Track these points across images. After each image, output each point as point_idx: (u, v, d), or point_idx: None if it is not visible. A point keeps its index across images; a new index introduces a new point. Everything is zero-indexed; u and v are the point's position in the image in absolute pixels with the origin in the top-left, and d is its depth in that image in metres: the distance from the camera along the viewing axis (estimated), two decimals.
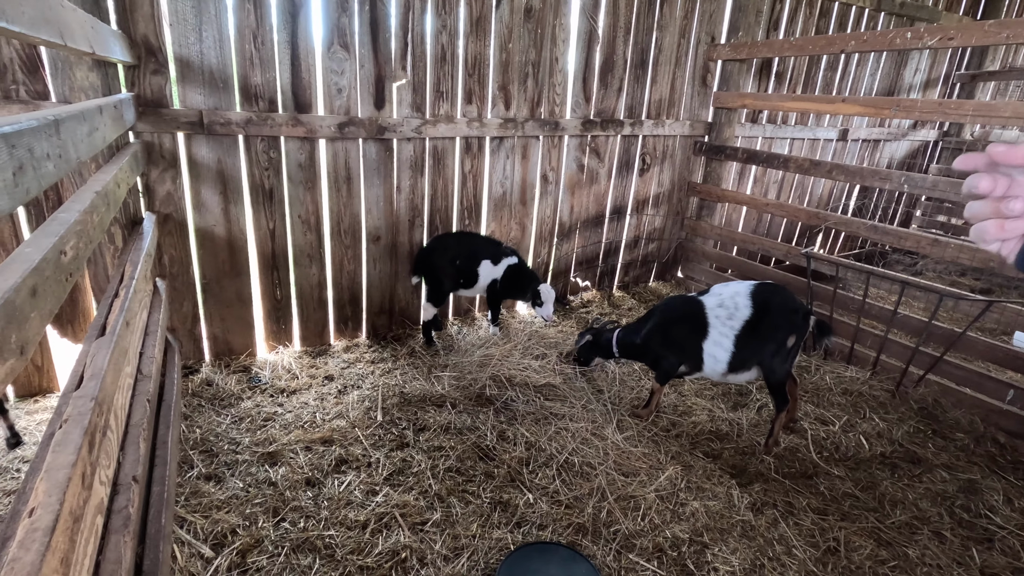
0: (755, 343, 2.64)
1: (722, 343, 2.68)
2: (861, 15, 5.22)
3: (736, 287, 2.74)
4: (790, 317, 2.62)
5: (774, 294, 2.67)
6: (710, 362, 2.73)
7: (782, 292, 2.70)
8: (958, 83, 6.29)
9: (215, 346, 3.26)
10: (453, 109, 3.51)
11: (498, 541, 2.12)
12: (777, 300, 2.65)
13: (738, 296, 2.69)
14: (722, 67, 4.53)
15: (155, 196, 2.85)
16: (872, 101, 3.49)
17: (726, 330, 2.67)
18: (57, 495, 0.90)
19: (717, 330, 2.69)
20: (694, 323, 2.74)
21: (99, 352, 1.37)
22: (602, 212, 4.51)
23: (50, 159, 1.00)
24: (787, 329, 2.61)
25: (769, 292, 2.68)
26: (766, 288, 2.70)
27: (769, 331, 2.62)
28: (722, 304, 2.71)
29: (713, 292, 2.79)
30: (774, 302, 2.64)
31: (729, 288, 2.76)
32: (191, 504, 2.16)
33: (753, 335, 2.63)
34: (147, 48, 2.63)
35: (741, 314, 2.65)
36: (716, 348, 2.70)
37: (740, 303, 2.67)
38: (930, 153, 6.57)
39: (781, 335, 2.61)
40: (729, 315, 2.67)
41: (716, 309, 2.71)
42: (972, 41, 2.88)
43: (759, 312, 2.63)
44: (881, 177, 3.58)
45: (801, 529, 2.31)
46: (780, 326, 2.61)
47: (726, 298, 2.71)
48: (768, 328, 2.62)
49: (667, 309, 2.94)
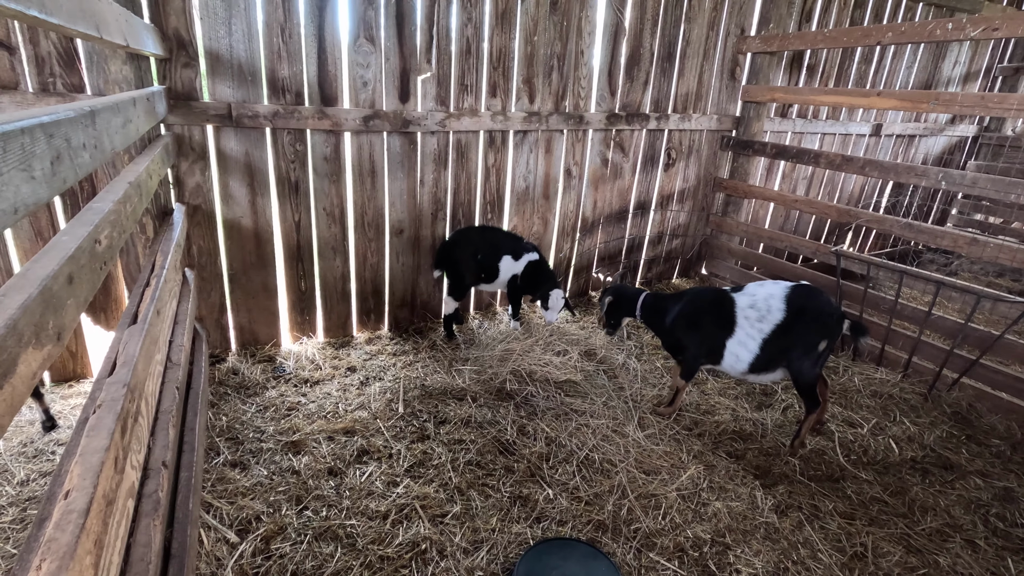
0: (783, 347, 2.59)
1: (747, 344, 2.64)
2: (898, 6, 5.05)
3: (772, 289, 2.68)
4: (824, 321, 2.55)
5: (810, 298, 2.60)
6: (730, 359, 2.71)
7: (817, 296, 2.63)
8: (1000, 76, 6.05)
9: (241, 336, 3.31)
10: (477, 102, 3.50)
11: (517, 536, 2.12)
12: (812, 305, 2.59)
13: (772, 299, 2.63)
14: (751, 60, 4.43)
15: (185, 187, 2.91)
16: (909, 95, 3.38)
17: (754, 332, 2.63)
18: (91, 478, 0.92)
19: (744, 330, 2.65)
20: (722, 318, 2.70)
21: (131, 340, 1.40)
22: (626, 207, 4.46)
23: (86, 149, 1.02)
24: (819, 334, 2.55)
25: (805, 296, 2.61)
26: (802, 291, 2.63)
27: (800, 335, 2.57)
28: (754, 305, 2.66)
29: (747, 291, 2.74)
30: (809, 307, 2.58)
31: (764, 289, 2.70)
32: (217, 490, 2.21)
33: (782, 339, 2.59)
34: (178, 41, 2.67)
35: (773, 317, 2.60)
36: (740, 348, 2.66)
37: (773, 306, 2.61)
38: (968, 149, 6.34)
39: (813, 339, 2.56)
40: (760, 317, 2.62)
41: (747, 309, 2.67)
42: (1019, 32, 2.76)
43: (792, 316, 2.58)
44: (917, 173, 3.46)
45: (827, 533, 2.26)
46: (812, 331, 2.55)
47: (759, 299, 2.66)
48: (800, 332, 2.57)
49: (697, 298, 2.89)
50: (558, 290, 3.52)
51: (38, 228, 2.60)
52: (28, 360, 0.73)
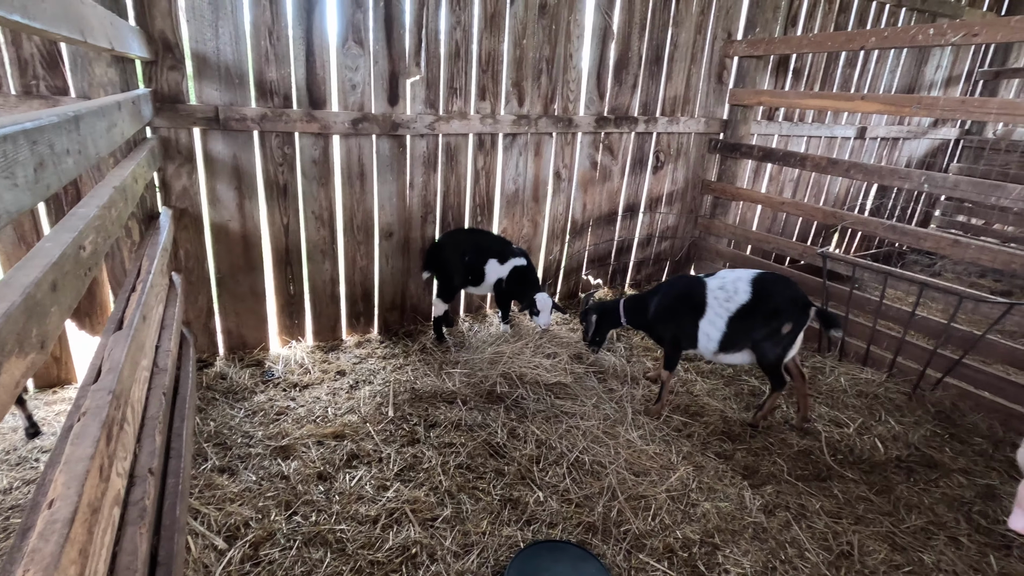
0: (747, 327, 2.76)
1: (716, 323, 2.82)
2: (882, 11, 5.12)
3: (740, 273, 2.86)
4: (787, 306, 2.72)
5: (775, 283, 2.78)
6: (703, 339, 2.87)
7: (783, 282, 2.79)
8: (981, 80, 6.16)
9: (229, 340, 3.29)
10: (467, 106, 3.51)
11: (508, 538, 2.12)
12: (776, 289, 2.76)
13: (739, 281, 2.81)
14: (738, 64, 4.48)
15: (171, 191, 2.88)
16: (892, 99, 3.43)
17: (721, 311, 2.81)
18: (76, 487, 0.91)
19: (714, 310, 2.83)
20: (694, 301, 2.89)
21: (116, 346, 1.38)
22: (615, 210, 4.49)
23: (70, 154, 1.01)
24: (783, 317, 2.71)
25: (770, 281, 2.79)
26: (768, 277, 2.81)
27: (764, 317, 2.73)
28: (723, 287, 2.84)
29: (719, 275, 2.93)
30: (773, 290, 2.75)
31: (734, 273, 2.88)
32: (205, 496, 2.19)
33: (747, 319, 2.76)
34: (164, 44, 2.65)
35: (739, 298, 2.78)
36: (710, 327, 2.84)
37: (740, 288, 2.79)
38: (951, 152, 6.44)
39: (776, 322, 2.72)
40: (727, 297, 2.80)
41: (716, 291, 2.84)
42: (998, 37, 2.82)
43: (757, 298, 2.75)
44: (900, 176, 3.51)
45: (814, 532, 2.29)
46: (776, 313, 2.71)
47: (728, 282, 2.84)
48: (763, 314, 2.73)
49: (672, 286, 3.09)
50: (543, 293, 3.49)
51: (21, 233, 2.57)
52: (11, 369, 0.73)
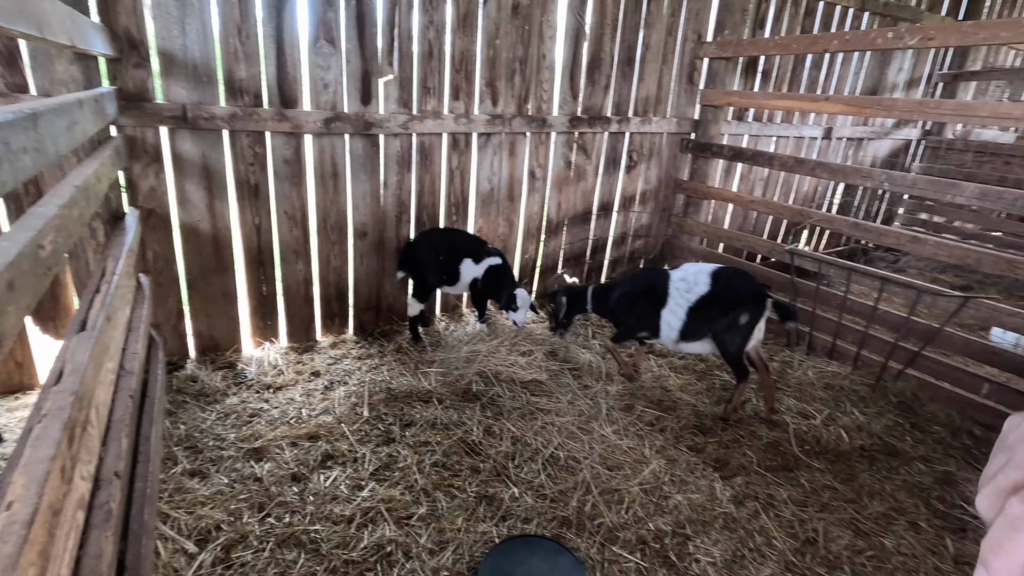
0: (707, 317, 2.92)
1: (676, 312, 2.98)
2: (846, 14, 5.27)
3: (702, 266, 3.02)
4: (744, 298, 2.87)
5: (733, 276, 2.94)
6: (665, 328, 3.03)
7: (742, 275, 2.96)
8: (940, 82, 6.37)
9: (200, 342, 3.24)
10: (440, 105, 3.51)
11: (483, 534, 2.14)
12: (734, 282, 2.92)
13: (700, 274, 2.97)
14: (709, 65, 4.56)
15: (138, 191, 2.83)
16: (854, 100, 3.54)
17: (682, 301, 2.96)
18: (36, 488, 0.90)
19: (675, 300, 2.99)
20: (657, 292, 3.04)
21: (79, 347, 1.36)
22: (589, 209, 4.53)
23: (27, 152, 0.99)
24: (741, 308, 2.86)
25: (729, 274, 2.95)
26: (728, 271, 2.98)
27: (722, 308, 2.88)
28: (684, 279, 3.00)
29: (682, 268, 3.09)
30: (731, 283, 2.91)
31: (696, 266, 3.04)
32: (175, 500, 2.16)
33: (706, 310, 2.91)
34: (129, 41, 2.60)
35: (698, 289, 2.94)
36: (671, 317, 3.00)
37: (700, 280, 2.95)
38: (913, 151, 6.66)
39: (734, 313, 2.87)
40: (688, 289, 2.96)
41: (678, 282, 3.00)
42: (951, 41, 2.93)
43: (716, 290, 2.90)
44: (863, 175, 3.63)
45: (781, 521, 2.36)
46: (734, 305, 2.87)
47: (689, 274, 3.00)
48: (722, 305, 2.88)
49: (636, 277, 3.28)
50: (522, 290, 3.54)
51: None
52: None
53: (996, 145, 6.04)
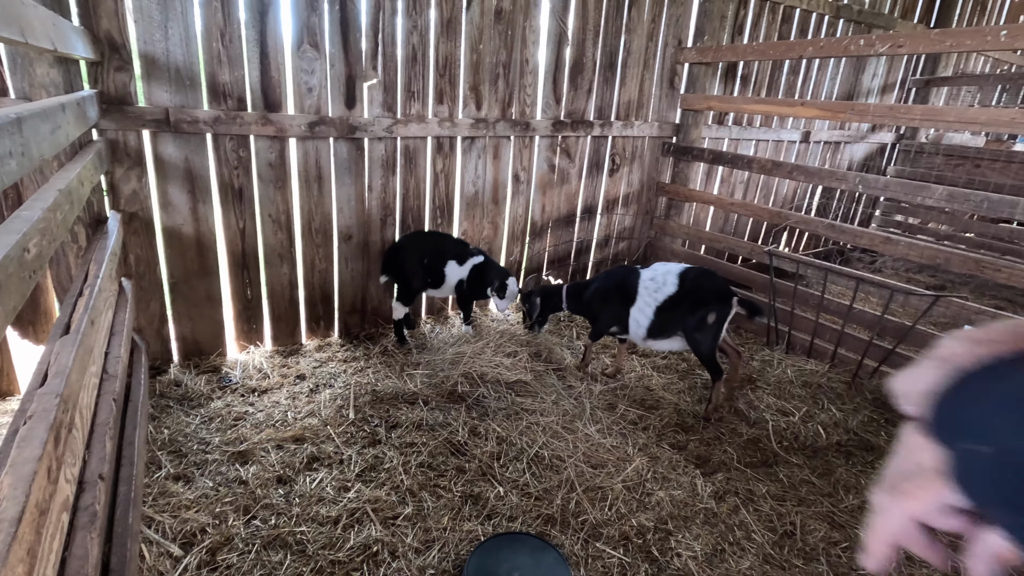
0: (675, 316, 3.01)
1: (645, 311, 3.08)
2: (821, 21, 5.40)
3: (671, 266, 3.12)
4: (711, 297, 2.96)
5: (700, 276, 3.03)
6: (633, 326, 3.14)
7: (708, 275, 3.06)
8: (913, 88, 6.55)
9: (184, 346, 3.22)
10: (424, 109, 3.54)
11: (469, 533, 2.16)
12: (701, 282, 3.01)
13: (669, 274, 3.07)
14: (689, 70, 4.65)
15: (120, 194, 2.81)
16: (829, 105, 3.64)
17: (651, 300, 3.06)
18: (23, 488, 0.91)
19: (643, 299, 3.09)
20: (627, 290, 3.15)
21: (63, 350, 1.37)
22: (573, 211, 4.59)
23: (12, 157, 1.01)
24: (708, 307, 2.95)
25: (696, 274, 3.04)
26: (695, 271, 3.07)
27: (690, 307, 2.97)
28: (653, 279, 3.09)
29: (652, 267, 3.19)
30: (698, 283, 3.00)
31: (665, 266, 3.15)
32: (159, 504, 2.15)
33: (674, 310, 3.01)
34: (111, 45, 2.59)
35: (667, 289, 3.03)
36: (639, 315, 3.10)
37: (669, 280, 3.05)
38: (888, 155, 6.83)
39: (702, 312, 2.95)
40: (656, 288, 3.06)
41: (648, 282, 3.10)
42: (919, 49, 3.03)
43: (683, 290, 3.00)
44: (838, 178, 3.73)
45: (760, 515, 2.41)
46: (701, 304, 2.95)
47: (658, 274, 3.10)
48: (690, 304, 2.97)
49: (608, 275, 3.37)
50: (513, 279, 3.59)
51: None
52: None
53: (965, 148, 6.21)
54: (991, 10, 6.87)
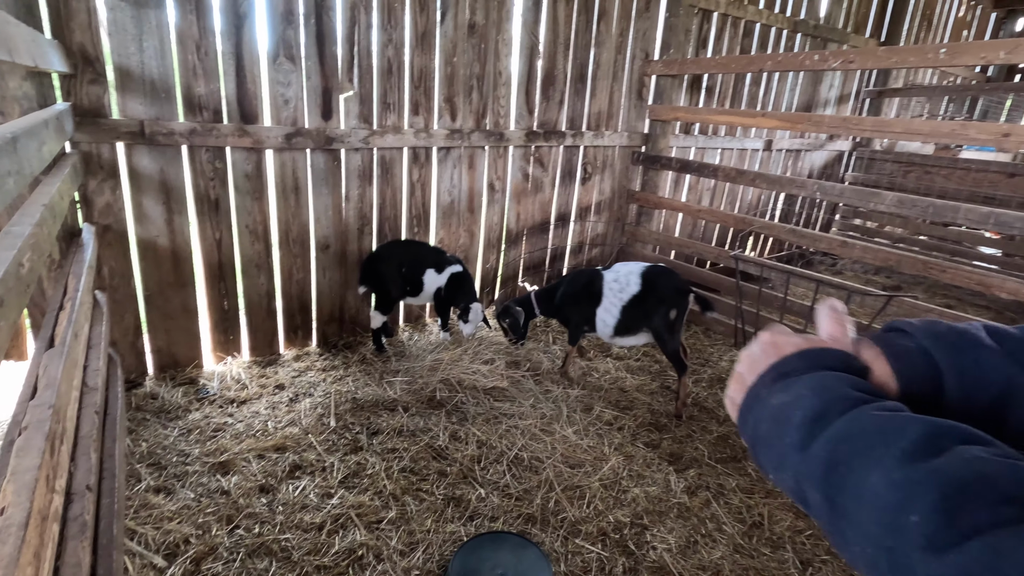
0: (639, 314, 3.16)
1: (611, 311, 3.22)
2: (780, 35, 5.66)
3: (632, 267, 3.26)
4: (672, 294, 3.12)
5: (660, 275, 3.18)
6: (600, 325, 3.28)
7: (668, 273, 3.21)
8: (867, 98, 6.89)
9: (159, 359, 3.20)
10: (400, 120, 3.60)
11: (452, 534, 2.22)
12: (661, 280, 3.16)
13: (631, 274, 3.21)
14: (656, 82, 4.82)
15: (93, 207, 2.80)
16: (788, 116, 3.83)
17: (616, 300, 3.20)
18: (26, 495, 0.94)
19: (609, 299, 3.23)
20: (592, 292, 3.29)
21: (51, 362, 1.39)
22: (547, 219, 4.69)
23: (11, 175, 1.04)
24: (669, 304, 3.11)
25: (656, 273, 3.20)
26: (655, 269, 3.22)
27: (653, 305, 3.13)
28: (617, 279, 3.23)
29: (614, 268, 3.32)
30: (659, 282, 3.16)
31: (627, 267, 3.28)
32: (141, 516, 2.15)
33: (639, 307, 3.15)
34: (84, 57, 2.59)
35: (631, 289, 3.17)
36: (606, 314, 3.24)
37: (631, 280, 3.19)
38: (845, 162, 7.15)
39: (664, 309, 3.11)
40: (621, 288, 3.20)
41: (612, 283, 3.24)
42: (868, 64, 3.24)
43: (646, 288, 3.15)
44: (798, 185, 3.92)
45: (730, 508, 2.53)
46: (663, 301, 3.11)
47: (621, 275, 3.24)
48: (652, 302, 3.13)
49: (574, 279, 3.49)
50: (478, 304, 3.64)
51: None
52: None
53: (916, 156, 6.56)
54: (936, 25, 7.28)
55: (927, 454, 0.42)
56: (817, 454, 0.49)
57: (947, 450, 0.42)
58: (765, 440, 0.57)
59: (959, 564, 0.36)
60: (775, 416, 0.56)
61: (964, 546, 0.36)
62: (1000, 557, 0.34)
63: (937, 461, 0.41)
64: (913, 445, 0.43)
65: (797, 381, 0.58)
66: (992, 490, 0.37)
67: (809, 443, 0.50)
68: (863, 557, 0.43)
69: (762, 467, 0.59)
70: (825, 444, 0.49)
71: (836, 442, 0.48)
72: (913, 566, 0.38)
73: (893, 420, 0.47)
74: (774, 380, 0.60)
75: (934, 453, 0.42)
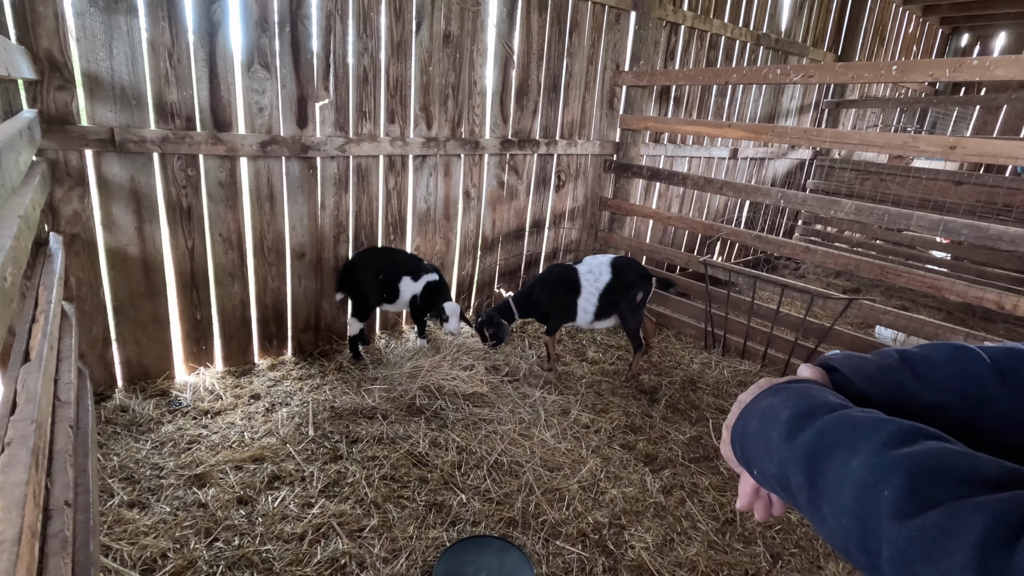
0: (612, 299, 3.59)
1: (590, 299, 3.60)
2: (744, 48, 5.88)
3: (601, 259, 3.68)
4: (638, 279, 3.59)
5: (626, 263, 3.66)
6: (582, 313, 3.64)
7: (631, 262, 3.73)
8: (826, 109, 7.19)
9: (129, 371, 3.12)
10: (376, 128, 3.61)
11: (434, 540, 2.24)
12: (628, 267, 3.63)
13: (602, 265, 3.63)
14: (627, 92, 4.94)
15: (60, 216, 2.72)
16: (752, 127, 3.99)
17: (593, 290, 3.58)
18: (16, 511, 0.94)
19: (587, 290, 3.59)
20: (571, 284, 3.62)
21: (30, 376, 1.37)
22: (522, 226, 4.75)
23: None
24: (635, 288, 3.58)
25: (623, 262, 3.66)
26: (622, 260, 3.69)
27: (622, 290, 3.56)
28: (591, 271, 3.62)
29: (585, 262, 3.71)
30: (626, 269, 3.61)
31: (596, 259, 3.69)
32: (115, 532, 2.11)
33: (611, 294, 3.57)
34: (51, 63, 2.53)
35: (604, 278, 3.58)
36: (586, 303, 3.61)
37: (603, 270, 3.60)
38: (807, 170, 7.43)
39: (631, 292, 3.57)
40: (595, 279, 3.59)
41: (587, 275, 3.61)
42: (826, 79, 3.41)
43: (616, 276, 3.57)
44: (762, 193, 4.08)
45: (704, 506, 2.62)
46: (630, 286, 3.57)
47: (593, 267, 3.64)
48: (621, 287, 3.56)
49: (550, 276, 3.76)
50: (451, 302, 3.65)
51: None
52: None
53: (872, 165, 6.87)
54: (888, 39, 7.65)
55: (901, 444, 0.50)
56: (803, 443, 0.57)
57: (918, 443, 0.50)
58: (754, 434, 0.66)
59: (919, 527, 0.43)
60: (764, 415, 0.66)
61: (925, 514, 0.44)
62: (956, 521, 0.42)
63: (909, 449, 0.49)
64: (890, 437, 0.51)
65: (785, 389, 0.68)
66: (952, 473, 0.45)
67: (796, 435, 0.59)
68: (838, 528, 0.51)
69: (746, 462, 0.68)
70: (811, 435, 0.57)
71: (822, 434, 0.57)
72: (881, 531, 0.46)
73: (873, 418, 0.56)
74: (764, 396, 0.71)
75: (907, 444, 0.50)
